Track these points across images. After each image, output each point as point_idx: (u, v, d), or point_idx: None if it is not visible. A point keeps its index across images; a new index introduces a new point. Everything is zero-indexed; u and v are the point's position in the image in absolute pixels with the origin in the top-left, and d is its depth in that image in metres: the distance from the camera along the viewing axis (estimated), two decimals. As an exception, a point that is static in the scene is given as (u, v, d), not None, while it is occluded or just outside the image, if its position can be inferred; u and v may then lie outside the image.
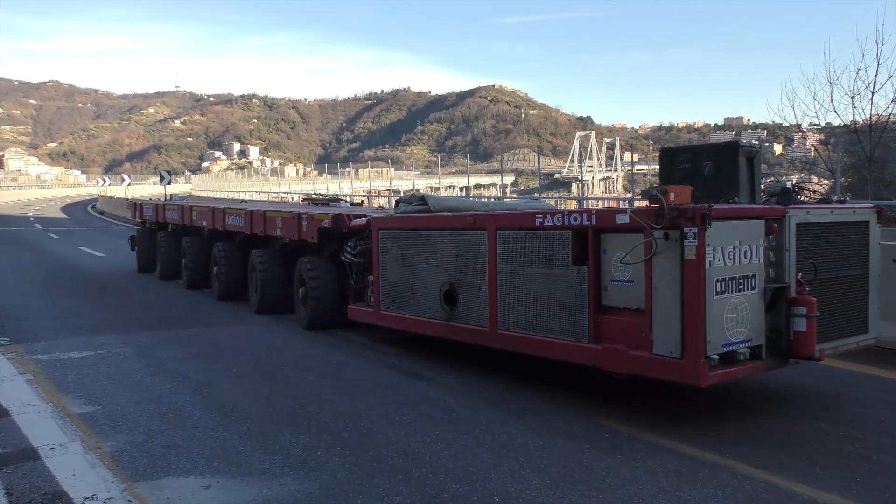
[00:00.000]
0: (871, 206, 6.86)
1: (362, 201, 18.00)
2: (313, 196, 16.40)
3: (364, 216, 9.04)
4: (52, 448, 5.04)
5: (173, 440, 5.22)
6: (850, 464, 4.75)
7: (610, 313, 5.75)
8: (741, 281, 5.27)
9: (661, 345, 5.27)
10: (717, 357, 5.13)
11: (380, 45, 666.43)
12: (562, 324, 6.05)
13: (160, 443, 5.17)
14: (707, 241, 5.03)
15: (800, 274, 5.68)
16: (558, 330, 6.08)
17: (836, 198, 7.95)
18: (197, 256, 13.36)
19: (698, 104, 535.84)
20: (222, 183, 75.71)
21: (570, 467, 4.70)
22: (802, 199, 6.64)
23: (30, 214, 42.08)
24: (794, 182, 6.89)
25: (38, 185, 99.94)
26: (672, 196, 5.28)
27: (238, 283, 11.87)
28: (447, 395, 6.39)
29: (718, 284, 5.12)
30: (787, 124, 23.49)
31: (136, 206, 18.09)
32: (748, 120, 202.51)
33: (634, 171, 38.47)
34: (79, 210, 49.55)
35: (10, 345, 8.45)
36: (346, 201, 14.73)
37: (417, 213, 8.26)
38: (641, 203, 5.61)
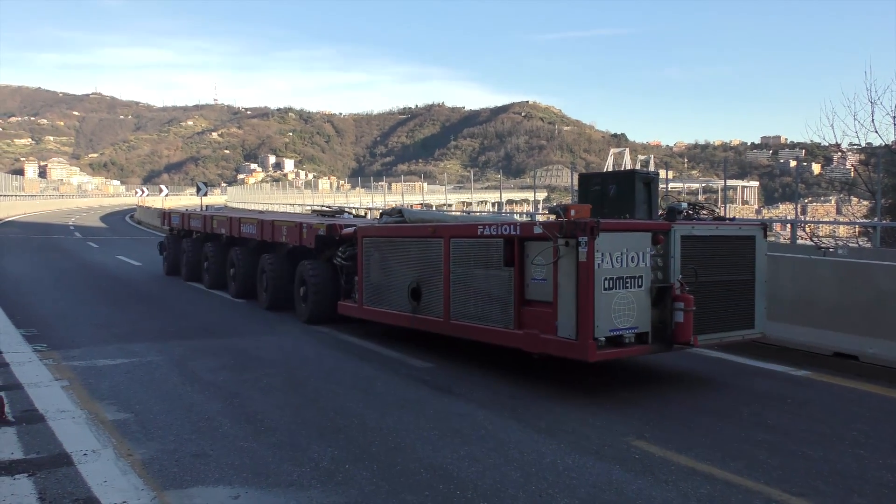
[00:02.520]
0: (758, 223, 8.12)
1: (365, 213, 19.01)
2: (321, 208, 17.92)
3: (353, 226, 10.40)
4: (85, 454, 5.11)
5: (203, 449, 5.26)
6: (890, 494, 4.62)
7: (530, 305, 7.08)
8: (628, 280, 6.51)
9: (563, 329, 6.57)
10: (603, 339, 6.38)
11: (415, 60, 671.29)
12: (496, 314, 7.39)
13: (190, 451, 5.21)
14: (596, 247, 6.30)
15: (680, 276, 6.83)
16: (493, 319, 7.43)
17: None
18: (217, 260, 14.72)
19: (735, 122, 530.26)
20: (257, 195, 76.59)
21: (600, 488, 4.63)
22: (703, 216, 7.90)
23: (70, 223, 42.95)
24: (692, 202, 8.36)
25: (78, 194, 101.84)
26: (573, 212, 6.58)
27: (251, 284, 13.12)
28: (477, 411, 6.36)
29: (607, 282, 6.36)
30: (826, 144, 23.11)
31: (164, 214, 19.98)
32: (786, 139, 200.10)
33: (669, 189, 37.88)
34: (117, 219, 50.47)
35: (47, 350, 8.61)
36: (349, 213, 15.80)
37: (395, 223, 9.61)
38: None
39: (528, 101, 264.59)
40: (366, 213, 18.43)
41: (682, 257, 6.92)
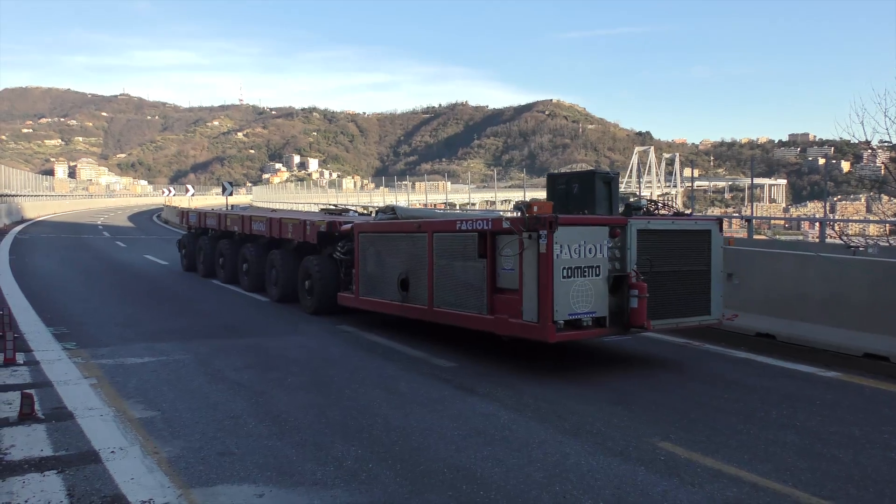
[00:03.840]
0: (713, 218, 8.66)
1: (370, 212, 19.52)
2: (328, 207, 18.75)
3: (351, 223, 11.10)
4: (112, 451, 5.17)
5: (228, 447, 5.30)
6: (922, 498, 4.52)
7: (501, 293, 7.72)
8: (586, 269, 7.13)
9: (527, 314, 7.22)
10: (562, 323, 7.02)
11: (438, 59, 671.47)
12: (471, 302, 8.07)
13: (215, 450, 5.25)
14: (555, 240, 6.94)
15: (635, 266, 7.39)
16: (469, 306, 8.11)
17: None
18: (231, 257, 15.43)
19: (762, 120, 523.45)
20: (282, 194, 77.15)
21: (625, 490, 4.59)
22: (664, 212, 8.45)
23: (98, 223, 43.51)
24: (652, 200, 8.93)
25: (107, 194, 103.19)
26: (535, 209, 7.17)
27: (262, 278, 13.79)
28: (500, 411, 6.34)
29: (565, 271, 7.00)
30: (856, 141, 22.63)
31: (183, 213, 21.08)
32: (814, 136, 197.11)
33: (694, 188, 37.41)
34: (144, 219, 51.04)
35: (76, 349, 8.73)
36: (355, 212, 16.36)
37: (388, 220, 10.23)
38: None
39: (551, 100, 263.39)
40: (370, 212, 19.05)
41: (638, 249, 7.51)
